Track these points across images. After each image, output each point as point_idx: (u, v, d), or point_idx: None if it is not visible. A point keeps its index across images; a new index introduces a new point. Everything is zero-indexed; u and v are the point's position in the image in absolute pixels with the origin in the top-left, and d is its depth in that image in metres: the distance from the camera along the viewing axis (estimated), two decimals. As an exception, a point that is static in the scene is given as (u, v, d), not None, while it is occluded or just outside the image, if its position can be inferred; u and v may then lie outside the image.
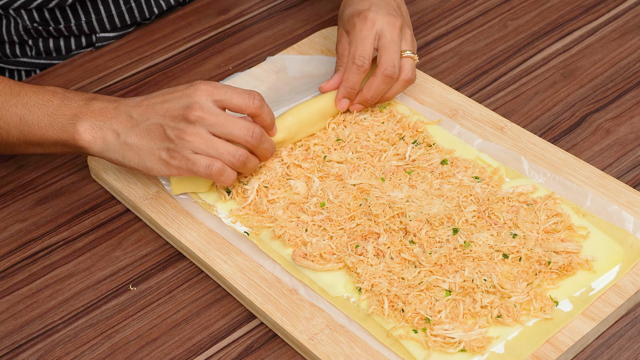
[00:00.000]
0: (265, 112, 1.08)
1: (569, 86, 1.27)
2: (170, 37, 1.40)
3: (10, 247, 1.11)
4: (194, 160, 1.04)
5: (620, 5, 1.40)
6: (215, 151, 1.04)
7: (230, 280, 1.03)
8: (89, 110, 1.07)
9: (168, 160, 1.05)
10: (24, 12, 1.35)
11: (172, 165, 1.05)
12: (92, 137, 1.06)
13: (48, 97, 1.09)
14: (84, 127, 1.06)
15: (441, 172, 1.11)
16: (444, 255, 1.01)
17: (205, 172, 1.04)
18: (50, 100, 1.08)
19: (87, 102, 1.08)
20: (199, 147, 1.04)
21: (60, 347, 1.00)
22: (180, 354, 0.99)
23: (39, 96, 1.09)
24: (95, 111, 1.07)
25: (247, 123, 1.06)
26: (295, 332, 0.97)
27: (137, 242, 1.11)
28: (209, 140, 1.04)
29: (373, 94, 1.17)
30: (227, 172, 1.05)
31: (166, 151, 1.05)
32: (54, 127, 1.07)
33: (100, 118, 1.07)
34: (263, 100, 1.08)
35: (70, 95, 1.09)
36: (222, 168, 1.05)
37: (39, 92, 1.10)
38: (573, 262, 1.00)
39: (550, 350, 0.94)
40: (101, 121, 1.07)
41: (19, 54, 1.41)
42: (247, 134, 1.06)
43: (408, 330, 0.96)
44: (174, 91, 1.07)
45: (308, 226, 1.06)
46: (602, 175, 1.11)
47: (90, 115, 1.07)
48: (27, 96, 1.09)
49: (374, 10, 1.17)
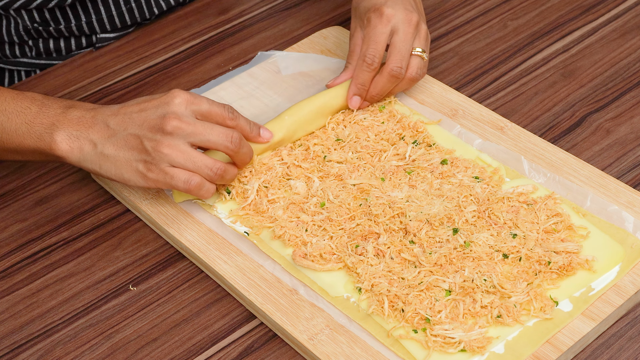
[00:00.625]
0: (242, 122, 1.08)
1: (569, 86, 1.27)
2: (170, 37, 1.40)
3: (10, 247, 1.11)
4: (172, 175, 1.03)
5: (620, 5, 1.40)
6: (193, 164, 1.03)
7: (230, 280, 1.03)
8: (66, 119, 1.06)
9: (145, 173, 1.04)
10: (24, 12, 1.35)
11: (150, 178, 1.04)
12: (69, 147, 1.05)
13: (26, 104, 1.07)
14: (61, 136, 1.05)
15: (441, 172, 1.11)
16: (444, 255, 1.01)
17: (184, 187, 1.04)
18: (28, 107, 1.07)
19: (65, 111, 1.07)
20: (176, 160, 1.03)
21: (60, 347, 1.00)
22: (180, 354, 0.99)
23: (17, 103, 1.07)
24: (72, 120, 1.06)
25: (224, 129, 1.05)
26: (295, 332, 0.97)
27: (137, 242, 1.11)
28: (186, 153, 1.03)
29: (378, 92, 1.17)
30: (206, 186, 1.05)
31: (143, 163, 1.03)
32: (32, 135, 1.06)
33: (77, 127, 1.05)
34: (237, 112, 1.07)
35: (49, 103, 1.08)
36: (200, 182, 1.04)
37: (18, 98, 1.08)
38: (573, 262, 1.00)
39: (550, 350, 0.94)
40: (78, 130, 1.05)
41: (19, 55, 1.41)
42: (227, 139, 1.05)
43: (408, 330, 0.96)
44: (151, 99, 1.06)
45: (308, 226, 1.06)
46: (602, 175, 1.11)
47: (68, 124, 1.05)
48: (6, 102, 1.08)
49: (390, 4, 1.17)
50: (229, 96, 1.26)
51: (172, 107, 1.04)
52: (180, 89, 1.06)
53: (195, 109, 1.04)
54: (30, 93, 1.09)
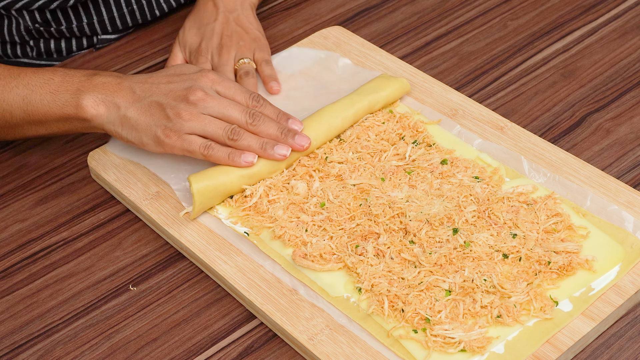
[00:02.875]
0: (267, 111, 1.10)
1: (569, 86, 1.27)
2: (171, 37, 1.40)
3: (10, 247, 1.11)
4: (190, 140, 1.07)
5: (620, 5, 1.40)
6: (210, 128, 1.07)
7: (230, 280, 1.03)
8: (91, 84, 1.10)
9: (163, 138, 1.07)
10: (25, 12, 1.35)
11: (167, 143, 1.07)
12: (95, 109, 1.09)
13: (49, 75, 1.12)
14: (87, 100, 1.09)
15: (441, 172, 1.11)
16: (444, 255, 1.01)
17: (201, 152, 1.07)
18: (51, 78, 1.11)
19: (89, 77, 1.11)
20: (196, 127, 1.07)
21: (60, 347, 1.00)
22: (180, 354, 0.99)
23: (39, 76, 1.12)
24: (97, 85, 1.10)
25: (246, 106, 1.09)
26: (295, 332, 0.97)
27: (137, 242, 1.11)
28: (205, 119, 1.07)
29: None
30: (223, 150, 1.07)
31: (162, 129, 1.07)
32: (57, 103, 1.10)
33: (102, 91, 1.10)
34: (263, 99, 1.11)
35: (71, 72, 1.12)
36: (216, 147, 1.07)
37: (39, 72, 1.12)
38: (573, 262, 1.00)
39: (550, 350, 0.94)
40: (103, 94, 1.09)
41: (20, 55, 1.41)
42: (246, 114, 1.08)
43: (408, 330, 0.96)
44: (180, 73, 1.11)
45: (308, 226, 1.06)
46: (602, 175, 1.11)
47: (93, 89, 1.10)
48: (28, 77, 1.12)
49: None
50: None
51: (199, 82, 1.09)
52: (211, 70, 1.11)
53: (220, 89, 1.09)
54: (49, 67, 1.14)
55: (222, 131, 1.07)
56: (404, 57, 1.33)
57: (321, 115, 1.15)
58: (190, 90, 1.08)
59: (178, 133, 1.07)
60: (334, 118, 1.15)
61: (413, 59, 1.33)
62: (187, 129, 1.07)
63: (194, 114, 1.07)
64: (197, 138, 1.07)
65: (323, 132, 1.14)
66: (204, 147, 1.07)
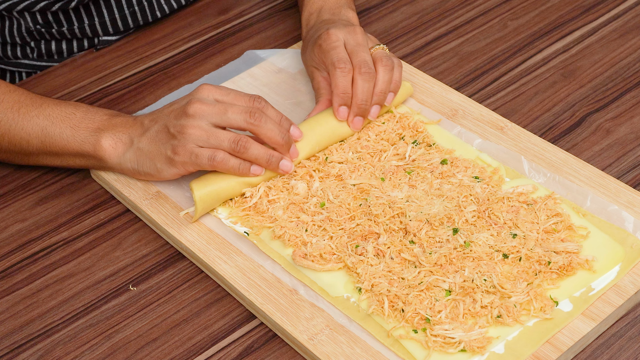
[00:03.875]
0: (270, 113, 1.09)
1: (569, 86, 1.27)
2: (170, 37, 1.40)
3: (10, 247, 1.11)
4: (197, 153, 1.06)
5: (620, 5, 1.40)
6: (216, 139, 1.06)
7: (230, 280, 1.03)
8: (111, 123, 1.11)
9: (173, 157, 1.07)
10: (27, 14, 1.35)
11: (177, 161, 1.07)
12: (113, 148, 1.10)
13: (71, 109, 1.12)
14: (106, 139, 1.10)
15: (441, 172, 1.11)
16: (444, 255, 1.01)
17: (209, 163, 1.06)
18: (73, 113, 1.12)
19: (110, 117, 1.12)
20: (200, 139, 1.06)
21: (60, 347, 1.00)
22: (180, 354, 0.99)
23: (61, 109, 1.12)
24: (117, 124, 1.11)
25: (245, 107, 1.08)
26: (295, 332, 0.97)
27: (137, 242, 1.11)
28: (209, 131, 1.06)
29: (362, 97, 1.15)
30: (232, 161, 1.07)
31: (171, 148, 1.07)
32: (76, 139, 1.11)
33: (120, 130, 1.11)
34: (266, 102, 1.09)
35: (94, 110, 1.13)
36: (224, 157, 1.06)
37: (61, 105, 1.13)
38: (573, 262, 1.00)
39: (550, 350, 0.94)
40: (121, 132, 1.10)
41: (21, 56, 1.41)
42: (246, 114, 1.07)
43: (408, 330, 0.96)
44: (181, 97, 1.10)
45: (308, 226, 1.06)
46: (602, 175, 1.11)
47: (112, 128, 1.11)
48: (50, 108, 1.12)
49: (332, 27, 1.20)
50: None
51: (196, 95, 1.08)
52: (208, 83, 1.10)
53: (219, 97, 1.08)
54: (72, 101, 1.15)
55: (227, 143, 1.06)
56: (403, 57, 1.33)
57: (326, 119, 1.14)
58: (189, 104, 1.07)
59: (185, 147, 1.06)
60: (338, 123, 1.15)
61: (413, 59, 1.33)
62: (192, 142, 1.06)
63: (195, 126, 1.06)
64: (204, 150, 1.06)
65: (326, 136, 1.14)
66: (211, 159, 1.06)
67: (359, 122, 1.16)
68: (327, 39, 1.18)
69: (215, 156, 1.06)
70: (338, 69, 1.15)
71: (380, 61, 1.17)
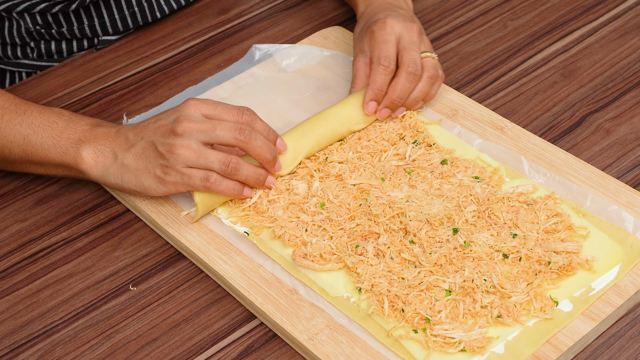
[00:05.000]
0: (258, 126, 1.07)
1: (569, 86, 1.27)
2: (170, 37, 1.40)
3: (10, 247, 1.11)
4: (189, 174, 1.04)
5: (620, 5, 1.40)
6: (206, 161, 1.04)
7: (230, 280, 1.03)
8: (92, 134, 1.08)
9: (163, 177, 1.05)
10: (27, 15, 1.35)
11: (168, 181, 1.05)
12: (94, 161, 1.07)
13: (54, 118, 1.10)
14: (87, 151, 1.07)
15: (441, 172, 1.11)
16: (444, 255, 1.01)
17: (202, 184, 1.04)
18: (55, 122, 1.09)
19: (92, 128, 1.09)
20: (190, 159, 1.03)
21: (60, 347, 1.00)
22: (180, 354, 0.99)
23: (44, 117, 1.10)
24: (98, 135, 1.08)
25: (234, 123, 1.05)
26: (295, 332, 0.97)
27: (137, 242, 1.11)
28: (199, 151, 1.04)
29: (399, 94, 1.15)
30: (225, 183, 1.05)
31: (160, 168, 1.04)
32: (57, 149, 1.08)
33: (102, 142, 1.08)
34: (254, 114, 1.07)
35: (76, 119, 1.10)
36: (217, 179, 1.04)
37: (45, 112, 1.10)
38: (573, 262, 1.00)
39: (550, 350, 0.94)
40: (103, 145, 1.07)
41: (21, 56, 1.41)
42: (235, 130, 1.05)
43: (408, 330, 0.96)
44: (166, 111, 1.08)
45: (308, 226, 1.06)
46: (602, 175, 1.11)
47: (94, 140, 1.08)
48: (33, 116, 1.10)
49: (391, 16, 1.18)
50: (228, 96, 1.25)
51: (183, 111, 1.05)
52: (195, 97, 1.07)
53: (206, 112, 1.05)
54: (56, 108, 1.12)
55: (218, 164, 1.04)
56: (404, 57, 1.33)
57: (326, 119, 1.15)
58: (176, 122, 1.04)
59: (175, 168, 1.04)
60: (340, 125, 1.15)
61: (413, 59, 1.33)
62: (182, 163, 1.04)
63: (184, 146, 1.03)
64: (195, 171, 1.04)
65: (326, 137, 1.14)
66: (204, 180, 1.04)
67: (385, 113, 1.16)
68: (382, 29, 1.17)
69: (209, 177, 1.04)
70: (382, 65, 1.15)
71: (427, 70, 1.17)
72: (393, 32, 1.17)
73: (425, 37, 1.20)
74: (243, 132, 1.05)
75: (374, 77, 1.15)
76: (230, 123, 1.05)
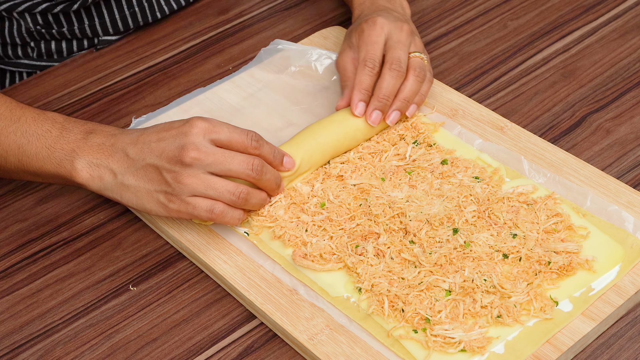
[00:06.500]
0: (265, 150, 1.05)
1: (569, 86, 1.27)
2: (170, 37, 1.40)
3: (10, 247, 1.11)
4: (194, 204, 1.01)
5: (620, 5, 1.40)
6: (214, 192, 1.01)
7: (230, 280, 1.03)
8: (86, 145, 1.05)
9: (166, 204, 1.02)
10: (27, 15, 1.35)
11: (171, 209, 1.02)
12: (90, 175, 1.04)
13: (47, 126, 1.06)
14: (81, 164, 1.04)
15: (441, 172, 1.11)
16: (444, 255, 1.01)
17: (207, 215, 1.02)
18: (49, 130, 1.06)
19: (85, 136, 1.06)
20: (197, 190, 1.01)
21: (60, 347, 1.00)
22: (180, 354, 0.99)
23: (38, 125, 1.06)
24: (92, 147, 1.05)
25: (245, 156, 1.02)
26: (295, 332, 0.97)
27: (137, 242, 1.11)
28: (207, 181, 1.01)
29: (384, 92, 1.14)
30: (231, 213, 1.03)
31: (164, 194, 1.02)
32: (52, 161, 1.05)
33: (97, 155, 1.04)
34: (261, 139, 1.05)
35: (70, 126, 1.07)
36: (224, 209, 1.02)
37: (39, 119, 1.07)
38: (573, 262, 1.00)
39: (550, 350, 0.94)
40: (98, 159, 1.04)
41: (21, 56, 1.41)
42: (247, 167, 1.02)
43: (408, 330, 0.96)
44: (170, 128, 1.03)
45: (308, 226, 1.06)
46: (602, 175, 1.11)
47: (88, 151, 1.05)
48: (27, 124, 1.06)
49: (383, 16, 1.18)
50: (230, 97, 1.26)
51: (190, 137, 1.01)
52: (200, 117, 1.03)
53: (214, 137, 1.02)
54: (51, 114, 1.08)
55: (227, 195, 1.02)
56: (404, 57, 1.33)
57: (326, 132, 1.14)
58: (184, 150, 1.00)
59: (180, 197, 1.01)
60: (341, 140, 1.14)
61: (413, 59, 1.33)
62: (188, 192, 1.01)
63: (192, 176, 1.00)
64: (201, 200, 1.02)
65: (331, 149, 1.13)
66: (209, 212, 1.02)
67: (377, 117, 1.14)
68: (372, 27, 1.17)
69: (214, 209, 1.02)
70: (367, 67, 1.15)
71: (414, 70, 1.16)
72: (382, 32, 1.17)
73: (417, 38, 1.20)
74: (255, 169, 1.02)
75: (359, 77, 1.15)
76: (241, 158, 1.02)
